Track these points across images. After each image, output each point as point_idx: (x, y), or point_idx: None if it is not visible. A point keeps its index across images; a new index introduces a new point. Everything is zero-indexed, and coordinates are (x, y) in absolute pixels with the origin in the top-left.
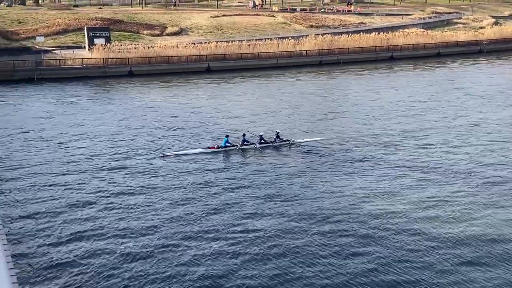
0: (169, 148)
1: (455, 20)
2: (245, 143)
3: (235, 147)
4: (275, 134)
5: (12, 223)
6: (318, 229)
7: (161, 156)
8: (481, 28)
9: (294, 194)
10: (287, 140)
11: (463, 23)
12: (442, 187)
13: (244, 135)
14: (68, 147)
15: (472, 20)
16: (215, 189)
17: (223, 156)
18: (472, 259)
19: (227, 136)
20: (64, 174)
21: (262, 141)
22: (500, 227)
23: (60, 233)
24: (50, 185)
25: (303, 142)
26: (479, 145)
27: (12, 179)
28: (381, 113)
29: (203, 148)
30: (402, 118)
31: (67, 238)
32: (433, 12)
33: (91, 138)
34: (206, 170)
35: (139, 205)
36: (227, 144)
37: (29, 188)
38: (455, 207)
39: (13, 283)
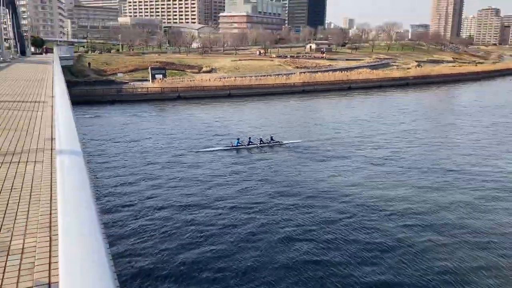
0: (201, 145)
1: (391, 64)
2: (250, 143)
3: (243, 146)
4: (270, 137)
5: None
6: (301, 202)
7: (195, 152)
8: (408, 68)
9: (284, 176)
10: (278, 141)
11: (396, 65)
12: (388, 173)
13: (249, 137)
14: (139, 145)
15: (402, 64)
16: (229, 172)
17: (235, 151)
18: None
19: (238, 139)
20: (140, 165)
21: (261, 142)
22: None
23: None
24: (133, 174)
25: (288, 143)
26: (408, 141)
27: (104, 170)
28: (343, 123)
29: (222, 146)
30: (358, 127)
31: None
32: (376, 58)
33: (154, 139)
34: (224, 160)
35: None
36: (238, 144)
37: (118, 177)
38: (401, 188)
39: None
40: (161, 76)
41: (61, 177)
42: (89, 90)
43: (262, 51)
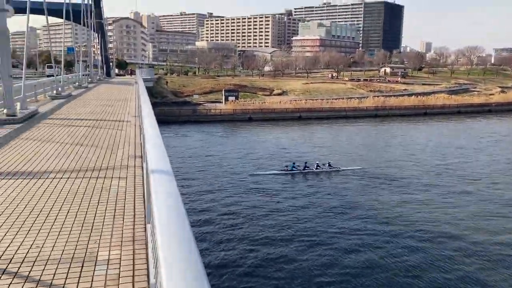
0: (264, 167)
1: (471, 89)
2: (306, 168)
3: (298, 171)
4: (328, 163)
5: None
6: (356, 231)
7: (250, 175)
8: (491, 94)
9: (340, 204)
10: (337, 167)
11: (478, 91)
12: (454, 205)
13: (305, 162)
14: (206, 164)
15: (484, 89)
16: (281, 197)
17: (290, 176)
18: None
19: (293, 163)
20: (216, 177)
21: (318, 167)
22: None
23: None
24: (212, 187)
25: (348, 169)
26: (486, 172)
27: (186, 183)
28: (415, 150)
29: (276, 170)
30: (431, 154)
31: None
32: (456, 83)
33: (220, 159)
34: (277, 185)
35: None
36: (293, 168)
37: (198, 191)
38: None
39: None
40: (233, 98)
41: (156, 196)
42: (166, 110)
43: (334, 74)
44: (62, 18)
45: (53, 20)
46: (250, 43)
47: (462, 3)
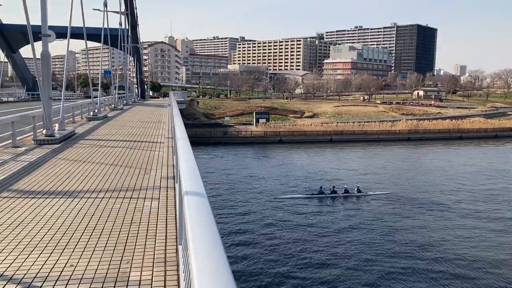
0: (282, 192)
1: (509, 113)
2: (334, 192)
3: (325, 195)
4: (357, 188)
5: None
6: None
7: (273, 198)
8: None
9: (369, 227)
10: (364, 192)
11: None
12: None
13: (333, 186)
14: (243, 183)
15: None
16: (308, 222)
17: (317, 200)
18: None
19: (321, 187)
20: (244, 198)
21: (346, 191)
22: None
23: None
24: (239, 208)
25: (376, 194)
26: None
27: (215, 205)
28: (447, 175)
29: (303, 194)
30: (463, 180)
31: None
32: (492, 107)
33: (255, 179)
34: (303, 209)
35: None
36: (320, 192)
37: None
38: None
39: None
40: (264, 120)
41: (189, 217)
42: (198, 132)
43: (366, 97)
44: (100, 42)
45: (91, 44)
46: (281, 66)
47: (495, 27)
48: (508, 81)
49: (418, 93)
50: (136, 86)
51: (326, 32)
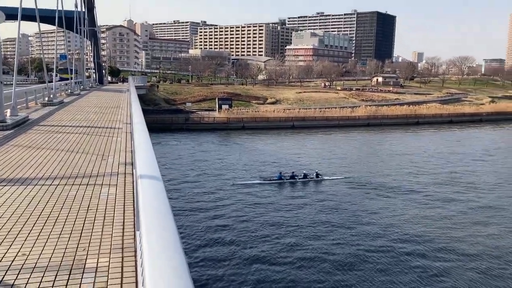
0: (242, 178)
1: (462, 98)
2: (293, 177)
3: (285, 180)
4: (315, 173)
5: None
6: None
7: (232, 184)
8: (481, 104)
9: (327, 210)
10: (324, 177)
11: (469, 101)
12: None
13: (293, 172)
14: (203, 170)
15: (475, 99)
16: (266, 208)
17: (276, 185)
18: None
19: (280, 173)
20: (203, 185)
21: (305, 177)
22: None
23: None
24: (197, 195)
25: (335, 178)
26: (472, 182)
27: (174, 188)
28: (405, 160)
29: (262, 179)
30: (420, 163)
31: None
32: (447, 93)
33: (216, 166)
34: (261, 195)
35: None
36: (280, 177)
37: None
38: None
39: None
40: (227, 106)
41: (143, 202)
42: (158, 118)
43: (327, 83)
44: (55, 25)
45: (46, 27)
46: (243, 51)
47: (453, 15)
48: (462, 68)
49: (377, 79)
50: (94, 71)
51: (288, 18)
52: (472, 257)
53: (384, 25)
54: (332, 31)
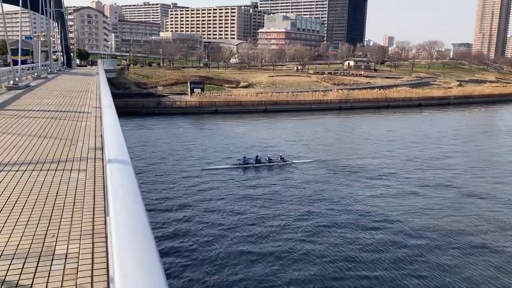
0: (210, 163)
1: (431, 82)
2: (258, 162)
3: (250, 165)
4: (280, 156)
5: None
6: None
7: (201, 170)
8: (449, 88)
9: (291, 194)
10: (288, 161)
11: (437, 84)
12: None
13: (257, 156)
14: (173, 154)
15: (443, 83)
16: (232, 192)
17: (242, 170)
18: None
19: (244, 157)
20: (172, 170)
21: (270, 161)
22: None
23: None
24: (166, 179)
25: (300, 162)
26: (436, 162)
27: (144, 174)
28: (374, 142)
29: (229, 164)
30: (388, 146)
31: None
32: (416, 77)
33: (187, 150)
34: (228, 179)
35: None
36: (246, 162)
37: (153, 179)
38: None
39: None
40: (199, 90)
41: (112, 186)
42: (129, 102)
43: (299, 67)
44: (19, 5)
45: (9, 7)
46: (215, 34)
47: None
48: (432, 52)
49: (349, 63)
50: (61, 53)
51: (260, 1)
52: (441, 239)
53: (355, 9)
54: (304, 14)
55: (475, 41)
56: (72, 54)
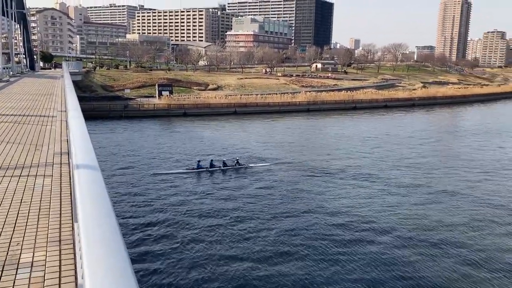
0: (162, 168)
1: (397, 84)
2: (212, 166)
3: (204, 169)
4: (236, 160)
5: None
6: (269, 217)
7: (152, 174)
8: (414, 89)
9: (246, 199)
10: (244, 164)
11: (402, 86)
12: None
13: (211, 160)
14: (148, 158)
15: (408, 84)
16: (184, 197)
17: (195, 175)
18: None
19: (199, 161)
20: (132, 174)
21: (225, 165)
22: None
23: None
24: (126, 184)
25: (257, 166)
26: (400, 163)
27: (110, 180)
28: (339, 144)
29: (181, 169)
30: (350, 147)
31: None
32: (382, 79)
33: (150, 154)
34: (179, 184)
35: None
36: (199, 167)
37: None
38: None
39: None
40: (167, 92)
41: (80, 192)
42: (95, 105)
43: (268, 69)
44: None
45: None
46: (183, 37)
47: (388, 2)
48: (396, 54)
49: (316, 66)
50: (24, 56)
51: (228, 3)
52: (414, 237)
53: (322, 11)
54: (272, 17)
55: (437, 44)
56: (35, 56)
